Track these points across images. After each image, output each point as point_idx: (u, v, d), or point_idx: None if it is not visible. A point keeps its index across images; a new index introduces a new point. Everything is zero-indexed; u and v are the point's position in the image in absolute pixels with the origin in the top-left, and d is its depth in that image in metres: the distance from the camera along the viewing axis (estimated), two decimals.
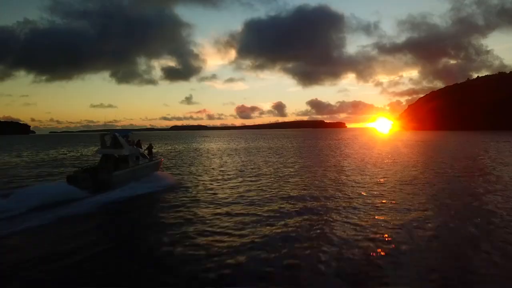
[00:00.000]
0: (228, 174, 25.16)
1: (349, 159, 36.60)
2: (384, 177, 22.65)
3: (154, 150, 25.27)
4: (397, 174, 24.01)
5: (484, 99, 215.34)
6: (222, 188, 19.96)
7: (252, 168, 28.71)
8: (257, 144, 72.11)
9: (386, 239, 10.70)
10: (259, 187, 20.00)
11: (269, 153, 47.08)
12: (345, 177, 22.88)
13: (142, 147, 22.59)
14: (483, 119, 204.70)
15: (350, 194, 17.40)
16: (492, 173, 23.98)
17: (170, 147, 66.98)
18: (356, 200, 16.03)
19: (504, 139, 74.33)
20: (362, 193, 17.64)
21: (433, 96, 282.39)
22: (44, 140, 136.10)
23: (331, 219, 13.02)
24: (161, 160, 24.53)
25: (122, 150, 19.63)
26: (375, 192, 17.80)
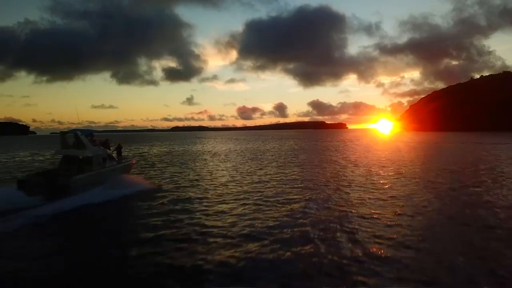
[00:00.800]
0: (206, 180, 22.26)
1: (351, 166, 29.59)
2: (394, 198, 16.12)
3: (125, 152, 23.11)
4: (412, 195, 16.83)
5: (487, 99, 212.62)
6: (197, 194, 17.81)
7: (235, 175, 24.94)
8: (251, 146, 67.63)
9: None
10: (239, 196, 17.79)
11: (262, 156, 43.65)
12: (339, 196, 17.06)
13: (110, 147, 20.37)
14: (486, 120, 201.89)
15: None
16: None
17: (146, 149, 63.07)
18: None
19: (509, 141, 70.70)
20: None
21: (435, 96, 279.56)
22: (39, 141, 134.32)
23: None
24: (132, 162, 22.26)
25: (84, 151, 17.44)
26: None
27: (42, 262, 9.03)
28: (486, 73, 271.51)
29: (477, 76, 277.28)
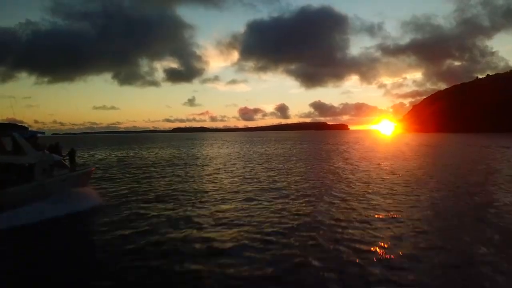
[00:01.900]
0: (174, 194, 19.15)
1: (357, 183, 21.68)
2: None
3: (79, 157, 20.68)
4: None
5: (491, 99, 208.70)
6: (159, 212, 15.32)
7: (205, 189, 20.54)
8: (238, 151, 61.84)
9: None
10: (209, 213, 15.52)
11: (245, 165, 36.72)
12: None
13: (62, 152, 17.91)
14: (489, 121, 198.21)
15: None
16: None
17: (116, 153, 58.92)
18: None
19: None
20: None
21: (437, 96, 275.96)
22: None
23: None
24: (90, 171, 19.60)
25: (24, 157, 15.07)
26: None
27: None
28: (485, 76, 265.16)
29: (480, 77, 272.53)
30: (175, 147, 79.47)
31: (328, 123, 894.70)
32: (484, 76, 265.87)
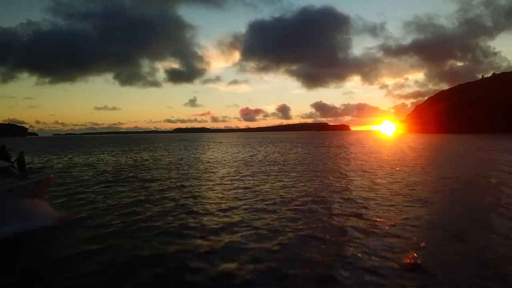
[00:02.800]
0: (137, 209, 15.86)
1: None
2: None
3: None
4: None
5: (495, 99, 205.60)
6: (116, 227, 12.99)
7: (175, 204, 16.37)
8: (230, 154, 56.93)
9: None
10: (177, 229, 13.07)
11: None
12: None
13: (11, 158, 15.39)
14: (490, 121, 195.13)
15: None
16: None
17: (92, 156, 54.64)
18: None
19: None
20: None
21: (440, 96, 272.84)
22: (34, 143, 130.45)
23: None
24: (47, 178, 16.26)
25: None
26: None
27: None
28: (490, 75, 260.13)
29: (486, 76, 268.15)
30: (161, 149, 71.89)
31: (329, 124, 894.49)
32: (494, 73, 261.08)
